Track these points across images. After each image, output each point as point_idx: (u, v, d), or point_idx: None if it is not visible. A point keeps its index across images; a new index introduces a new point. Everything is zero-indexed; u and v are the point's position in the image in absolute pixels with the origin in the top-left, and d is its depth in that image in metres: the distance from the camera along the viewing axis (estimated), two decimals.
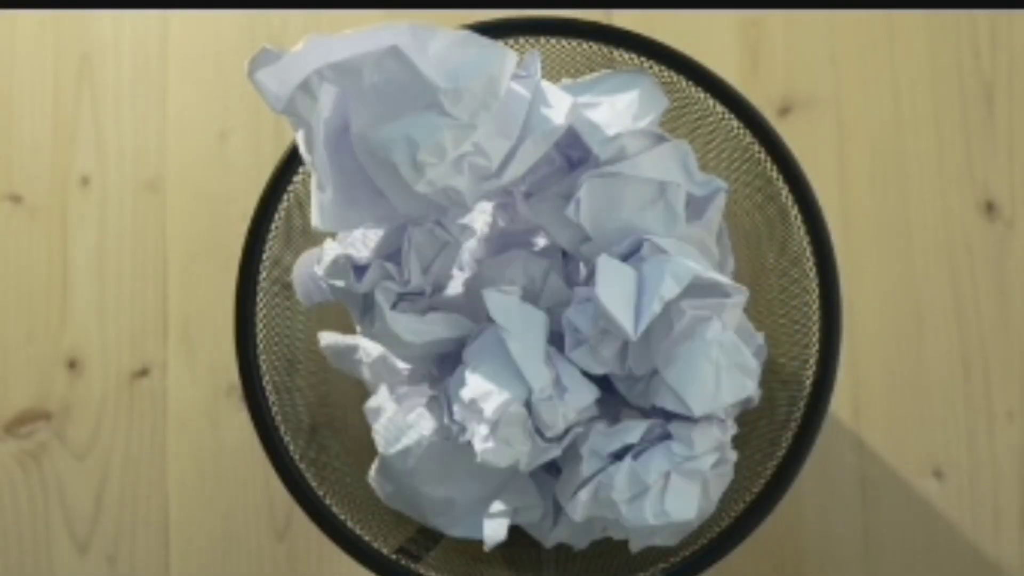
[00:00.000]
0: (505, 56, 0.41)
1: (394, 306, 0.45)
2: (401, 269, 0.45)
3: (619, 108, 0.46)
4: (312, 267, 0.47)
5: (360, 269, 0.45)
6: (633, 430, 0.45)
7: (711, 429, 0.44)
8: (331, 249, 0.46)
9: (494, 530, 0.47)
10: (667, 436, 0.45)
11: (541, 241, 0.51)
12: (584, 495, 0.44)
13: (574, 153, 0.47)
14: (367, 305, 0.46)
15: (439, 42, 0.40)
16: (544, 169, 0.47)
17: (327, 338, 0.51)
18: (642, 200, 0.46)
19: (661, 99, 0.46)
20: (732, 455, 0.46)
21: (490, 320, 0.47)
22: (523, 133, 0.42)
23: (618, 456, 0.45)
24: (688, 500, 0.44)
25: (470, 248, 0.51)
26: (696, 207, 0.47)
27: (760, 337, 0.50)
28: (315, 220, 0.43)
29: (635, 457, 0.44)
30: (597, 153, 0.45)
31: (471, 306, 0.48)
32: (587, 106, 0.46)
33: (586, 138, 0.45)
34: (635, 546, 0.45)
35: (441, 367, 0.48)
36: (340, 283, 0.46)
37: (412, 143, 0.40)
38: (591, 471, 0.45)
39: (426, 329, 0.45)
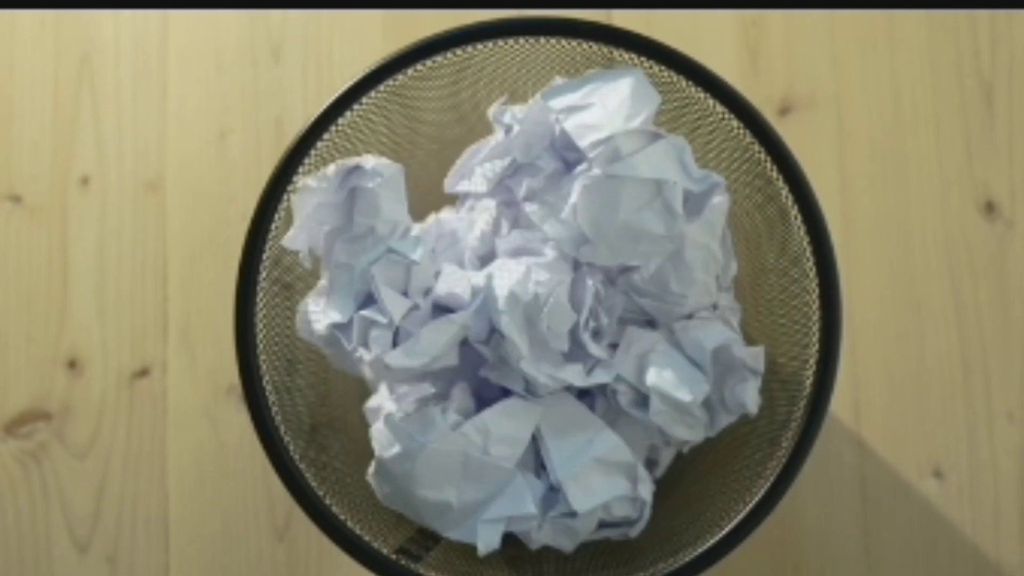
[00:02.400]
0: None
1: (396, 336, 0.46)
2: (382, 309, 0.46)
3: (611, 108, 0.45)
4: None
5: (346, 327, 0.47)
6: (537, 486, 0.48)
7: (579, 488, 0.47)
8: (317, 320, 0.47)
9: (489, 537, 0.47)
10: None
11: (550, 252, 0.50)
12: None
13: (571, 155, 0.47)
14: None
15: None
16: (539, 175, 0.47)
17: None
18: (639, 201, 0.45)
19: (653, 95, 0.46)
20: (636, 508, 0.48)
21: (498, 331, 0.47)
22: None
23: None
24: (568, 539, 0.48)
25: (471, 246, 0.51)
26: (695, 203, 0.47)
27: (759, 351, 0.50)
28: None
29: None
30: (591, 157, 0.45)
31: (477, 304, 0.48)
32: (578, 108, 0.45)
33: (578, 142, 0.45)
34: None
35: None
36: (336, 351, 0.48)
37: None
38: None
39: (423, 349, 0.46)
